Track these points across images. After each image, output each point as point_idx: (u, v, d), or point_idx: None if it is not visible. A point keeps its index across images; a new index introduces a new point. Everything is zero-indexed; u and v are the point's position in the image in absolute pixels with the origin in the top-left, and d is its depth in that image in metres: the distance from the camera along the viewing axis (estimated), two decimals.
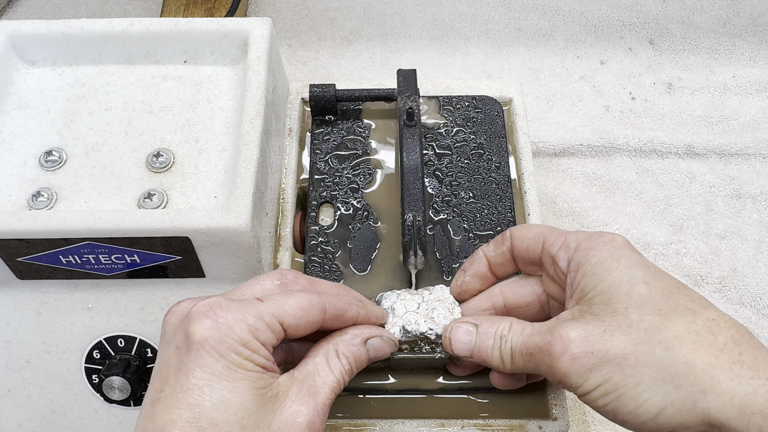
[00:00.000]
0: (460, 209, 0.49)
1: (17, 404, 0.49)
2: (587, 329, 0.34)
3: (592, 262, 0.35)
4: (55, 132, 0.48)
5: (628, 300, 0.33)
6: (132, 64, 0.51)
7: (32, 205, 0.45)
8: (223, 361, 0.32)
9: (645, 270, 0.35)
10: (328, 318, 0.36)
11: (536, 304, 0.41)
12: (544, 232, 0.39)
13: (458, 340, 0.39)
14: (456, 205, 0.49)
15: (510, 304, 0.42)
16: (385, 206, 0.49)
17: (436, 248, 0.47)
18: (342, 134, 0.52)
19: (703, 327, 0.32)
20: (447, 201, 0.49)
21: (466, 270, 0.42)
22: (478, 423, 0.44)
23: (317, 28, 0.82)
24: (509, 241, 0.40)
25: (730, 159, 0.72)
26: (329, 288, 0.40)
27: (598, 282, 0.35)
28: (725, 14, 0.83)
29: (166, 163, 0.46)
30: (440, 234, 0.48)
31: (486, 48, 0.81)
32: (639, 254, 0.36)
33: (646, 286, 0.34)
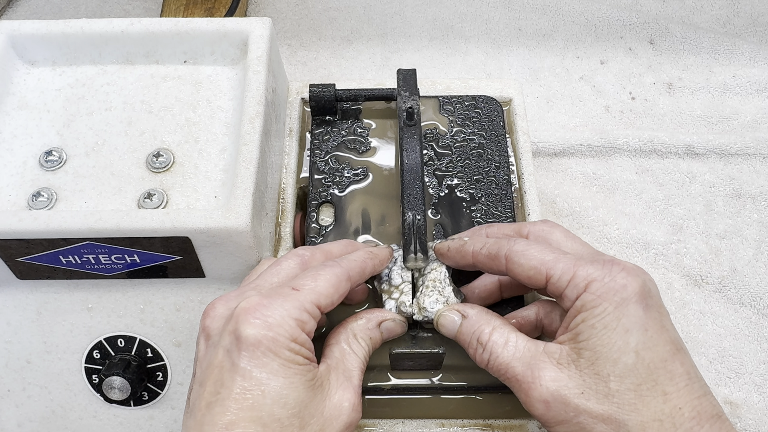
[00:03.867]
0: (460, 209, 0.49)
1: (17, 404, 0.49)
2: (567, 384, 0.34)
3: (596, 313, 0.35)
4: (55, 132, 0.48)
5: (613, 367, 0.34)
6: (132, 64, 0.51)
7: (32, 205, 0.45)
8: (278, 360, 0.33)
9: (641, 335, 0.34)
10: (354, 282, 0.39)
11: None
12: (547, 263, 0.37)
13: (443, 325, 0.40)
14: (456, 205, 0.49)
15: (507, 294, 0.44)
16: (385, 206, 0.49)
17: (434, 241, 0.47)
18: (342, 134, 0.52)
19: (667, 416, 0.33)
20: (447, 201, 0.49)
21: (451, 255, 0.43)
22: (478, 423, 0.44)
23: (317, 28, 0.82)
24: (503, 263, 0.39)
25: (730, 159, 0.72)
26: (340, 250, 0.42)
27: (593, 336, 0.35)
28: (725, 14, 0.83)
29: (166, 163, 0.46)
30: (440, 234, 0.48)
31: (486, 48, 0.81)
32: (644, 308, 0.35)
33: (635, 357, 0.34)
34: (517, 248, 0.38)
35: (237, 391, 0.32)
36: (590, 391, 0.34)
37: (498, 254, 0.39)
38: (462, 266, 0.42)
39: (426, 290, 0.42)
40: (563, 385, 0.34)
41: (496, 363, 0.37)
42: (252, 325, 0.33)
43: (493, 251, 0.39)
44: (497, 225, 0.44)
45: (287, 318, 0.34)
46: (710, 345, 0.61)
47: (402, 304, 0.42)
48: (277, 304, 0.35)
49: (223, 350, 0.34)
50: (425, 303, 0.41)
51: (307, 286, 0.36)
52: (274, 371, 0.33)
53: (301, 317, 0.35)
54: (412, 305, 0.42)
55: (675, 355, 0.35)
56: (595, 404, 0.34)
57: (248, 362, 0.33)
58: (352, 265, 0.39)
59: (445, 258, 0.43)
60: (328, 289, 0.36)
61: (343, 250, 0.42)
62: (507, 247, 0.38)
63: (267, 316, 0.34)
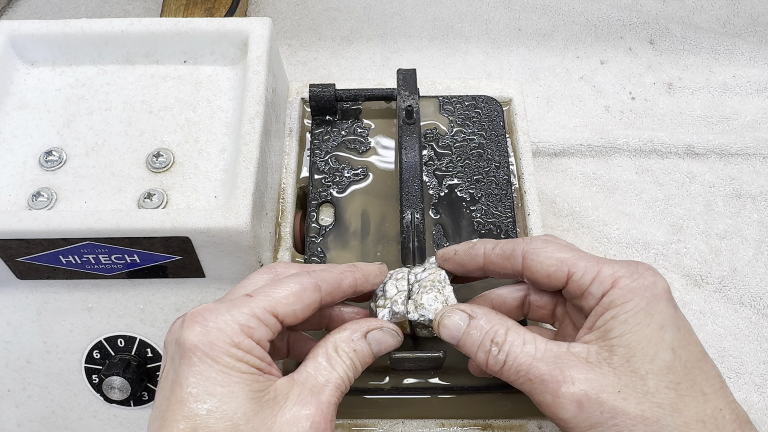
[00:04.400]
0: (460, 209, 0.49)
1: (17, 404, 0.49)
2: (602, 383, 0.32)
3: (627, 308, 0.33)
4: (55, 132, 0.48)
5: (651, 364, 0.32)
6: (132, 64, 0.51)
7: (32, 205, 0.45)
8: (216, 366, 0.31)
9: (675, 332, 0.33)
10: (325, 294, 0.36)
11: (549, 308, 0.40)
12: (568, 260, 0.35)
13: (446, 326, 0.37)
14: (456, 205, 0.49)
15: (533, 314, 0.40)
16: (385, 206, 0.49)
17: (435, 248, 0.47)
18: (342, 134, 0.53)
19: (710, 418, 0.32)
20: (447, 201, 0.49)
21: (458, 259, 0.40)
22: (478, 423, 0.44)
23: (317, 28, 0.82)
24: (520, 261, 0.37)
25: (730, 159, 0.72)
26: (325, 269, 0.39)
27: (626, 332, 0.33)
28: (725, 14, 0.83)
29: (166, 163, 0.46)
30: (440, 234, 0.48)
31: (486, 48, 0.81)
32: (674, 307, 0.34)
33: (671, 354, 0.32)
34: (535, 246, 0.36)
35: (174, 401, 0.30)
36: (628, 389, 0.32)
37: (513, 253, 0.37)
38: (469, 270, 0.40)
39: (423, 289, 0.39)
40: (598, 384, 0.32)
41: (515, 364, 0.34)
42: (192, 331, 0.31)
43: (507, 250, 0.37)
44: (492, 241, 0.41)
45: (230, 323, 0.32)
46: (710, 345, 0.61)
47: (394, 304, 0.39)
48: (223, 309, 0.32)
49: (170, 360, 0.32)
50: (423, 299, 0.38)
51: (264, 291, 0.34)
52: (211, 379, 0.31)
53: (247, 322, 0.32)
54: (407, 303, 0.39)
55: (706, 357, 0.34)
56: (634, 404, 0.31)
57: (186, 369, 0.31)
58: (324, 276, 0.36)
59: (449, 263, 0.40)
60: (287, 297, 0.34)
61: (325, 268, 0.39)
62: (523, 244, 0.37)
63: (208, 321, 0.32)
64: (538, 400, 0.34)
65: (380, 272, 0.40)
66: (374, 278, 0.39)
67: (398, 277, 0.41)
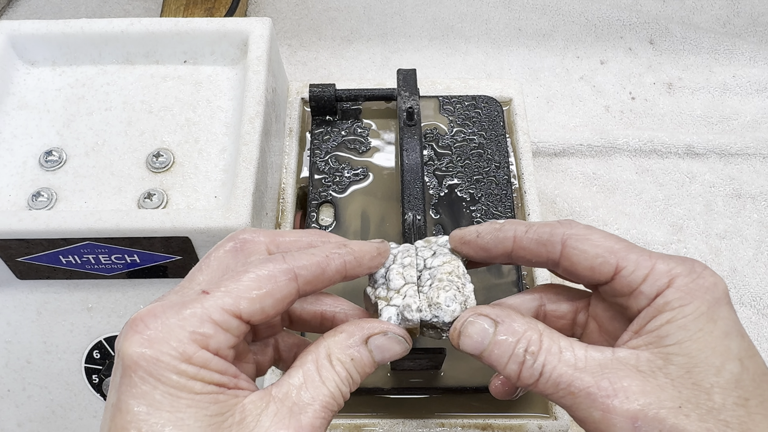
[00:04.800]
0: (460, 209, 0.49)
1: (17, 404, 0.49)
2: (660, 396, 0.27)
3: (686, 312, 0.29)
4: (55, 132, 0.48)
5: (717, 377, 0.28)
6: (132, 64, 0.51)
7: (32, 205, 0.45)
8: (162, 387, 0.25)
9: (740, 341, 0.29)
10: (304, 284, 0.29)
11: (569, 317, 0.35)
12: (617, 252, 0.30)
13: (470, 336, 0.31)
14: (456, 205, 0.49)
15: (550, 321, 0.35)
16: (385, 206, 0.49)
17: None
18: (342, 134, 0.52)
19: None
20: (447, 201, 0.49)
21: (481, 243, 0.34)
22: (478, 423, 0.44)
23: (317, 28, 0.82)
24: (558, 249, 0.31)
25: (730, 159, 0.72)
26: (298, 239, 0.32)
27: (686, 338, 0.28)
28: (725, 14, 0.83)
29: (166, 163, 0.46)
30: (440, 234, 0.48)
31: (486, 48, 0.81)
32: (734, 312, 0.30)
33: (739, 365, 0.28)
34: (578, 231, 0.31)
35: (114, 429, 0.25)
36: (690, 405, 0.27)
37: (551, 239, 0.31)
38: (493, 257, 0.34)
39: (440, 284, 0.33)
40: (655, 398, 0.27)
41: (553, 375, 0.29)
42: (131, 343, 0.26)
43: (544, 235, 0.32)
44: (510, 222, 0.34)
45: (177, 330, 0.26)
46: None
47: (407, 309, 0.32)
48: (170, 313, 0.26)
49: (113, 374, 0.27)
50: (440, 297, 0.32)
51: (223, 286, 0.27)
52: (156, 404, 0.25)
53: (201, 329, 0.26)
54: (419, 299, 0.32)
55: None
56: (697, 422, 0.27)
57: (126, 391, 0.25)
58: (302, 261, 0.29)
59: (469, 247, 0.34)
60: (253, 291, 0.27)
61: (302, 238, 0.33)
62: (563, 229, 0.31)
63: (150, 329, 0.26)
64: (582, 417, 0.29)
65: (378, 253, 0.33)
66: (370, 261, 0.33)
67: (405, 263, 0.34)
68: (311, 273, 0.30)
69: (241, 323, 0.27)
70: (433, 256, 0.34)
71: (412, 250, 0.35)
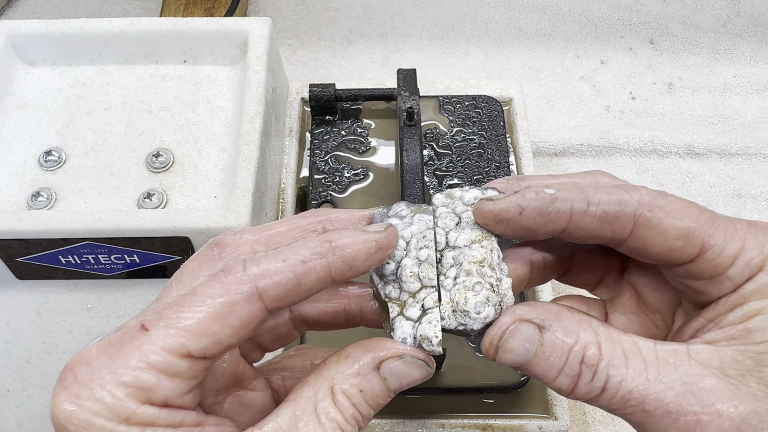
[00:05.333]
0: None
1: (17, 404, 0.49)
2: (757, 411, 0.22)
3: None
4: (55, 132, 0.48)
5: None
6: (131, 64, 0.51)
7: (32, 205, 0.45)
8: None
9: None
10: (274, 301, 0.23)
11: (594, 280, 0.30)
12: (700, 227, 0.25)
13: (509, 351, 0.25)
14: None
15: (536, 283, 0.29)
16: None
17: None
18: (342, 134, 0.52)
19: None
20: None
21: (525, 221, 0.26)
22: (478, 423, 0.43)
23: (317, 28, 0.82)
24: (629, 227, 0.25)
25: (730, 159, 0.72)
26: (292, 228, 0.26)
27: None
28: (726, 14, 0.83)
29: (165, 163, 0.46)
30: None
31: (486, 48, 0.81)
32: None
33: None
34: (654, 202, 0.25)
35: None
36: None
37: (621, 215, 0.25)
38: (537, 235, 0.26)
39: (468, 280, 0.26)
40: (753, 413, 0.22)
41: (621, 391, 0.23)
42: (58, 400, 0.22)
43: (611, 211, 0.25)
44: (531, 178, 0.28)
45: (111, 386, 0.21)
46: None
47: (425, 341, 0.25)
48: (104, 359, 0.22)
49: None
50: (469, 302, 0.25)
51: (164, 320, 0.22)
52: None
53: (138, 381, 0.21)
54: (442, 307, 0.26)
55: None
56: None
57: None
58: (269, 273, 0.23)
59: (506, 226, 0.26)
60: (202, 323, 0.22)
61: (302, 226, 0.26)
62: (634, 201, 0.25)
63: (80, 382, 0.22)
64: None
65: (379, 248, 0.25)
66: (365, 261, 0.25)
67: (421, 257, 0.26)
68: (282, 287, 0.23)
69: (193, 362, 0.22)
70: (458, 228, 0.27)
71: (429, 234, 0.27)
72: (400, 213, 0.28)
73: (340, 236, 0.24)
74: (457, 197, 0.28)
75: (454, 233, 0.27)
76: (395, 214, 0.28)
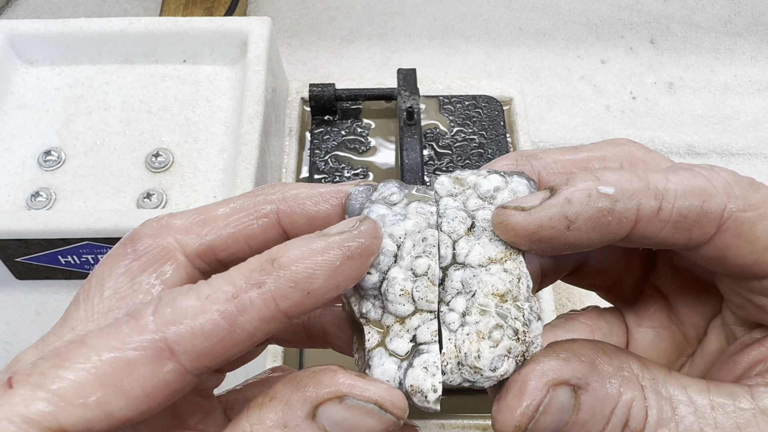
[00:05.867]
0: None
1: None
2: None
3: None
4: (54, 132, 0.48)
5: None
6: (131, 64, 0.51)
7: (31, 205, 0.45)
8: None
9: None
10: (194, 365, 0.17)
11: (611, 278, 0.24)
12: None
13: (540, 429, 0.19)
14: None
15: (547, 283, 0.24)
16: None
17: None
18: (342, 134, 0.52)
19: None
20: None
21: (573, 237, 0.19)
22: (478, 423, 0.43)
23: (317, 28, 0.82)
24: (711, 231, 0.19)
25: (731, 158, 0.72)
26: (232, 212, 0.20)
27: None
28: (726, 13, 0.83)
29: (165, 163, 0.46)
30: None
31: (486, 47, 0.81)
32: None
33: None
34: (749, 198, 0.19)
35: None
36: None
37: (704, 214, 0.19)
38: (583, 248, 0.19)
39: (483, 322, 0.19)
40: None
41: None
42: None
43: (690, 208, 0.19)
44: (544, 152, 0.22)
45: None
46: None
47: (416, 395, 0.19)
48: None
49: None
50: (482, 358, 0.19)
51: (36, 375, 0.16)
52: None
53: None
54: (443, 357, 0.19)
55: None
56: None
57: None
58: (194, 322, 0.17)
59: (548, 243, 0.19)
60: (85, 389, 0.16)
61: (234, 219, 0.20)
62: (722, 191, 0.19)
63: None
64: None
65: (347, 258, 0.18)
66: (327, 283, 0.18)
67: (417, 269, 0.19)
68: (204, 338, 0.17)
69: (96, 425, 0.16)
70: (471, 235, 0.20)
71: (432, 237, 0.19)
72: (389, 198, 0.20)
73: (286, 250, 0.17)
74: (470, 185, 0.20)
75: (464, 243, 0.19)
76: (382, 198, 0.20)
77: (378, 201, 0.20)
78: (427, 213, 0.20)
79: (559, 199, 0.18)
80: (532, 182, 0.20)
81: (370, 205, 0.20)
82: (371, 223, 0.18)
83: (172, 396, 0.17)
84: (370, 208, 0.20)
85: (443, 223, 0.20)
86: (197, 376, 0.17)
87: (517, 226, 0.19)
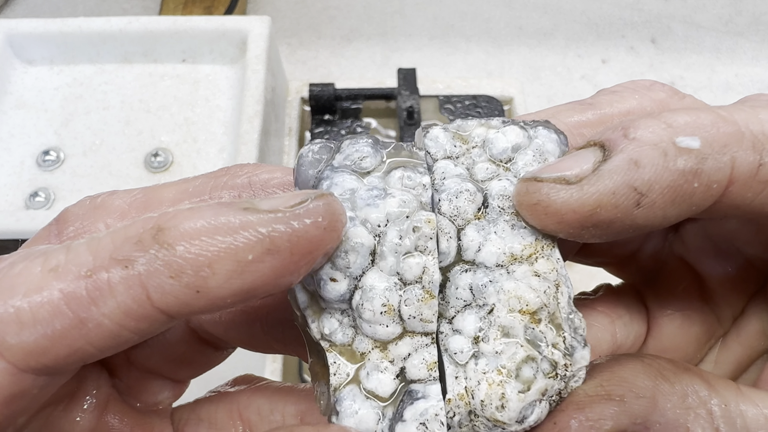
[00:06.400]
0: None
1: None
2: None
3: None
4: (53, 131, 0.48)
5: None
6: (130, 63, 0.51)
7: (30, 205, 0.44)
8: None
9: None
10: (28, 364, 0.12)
11: None
12: None
13: None
14: None
15: None
16: None
17: None
18: (342, 134, 0.52)
19: None
20: None
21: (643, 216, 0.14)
22: None
23: (317, 27, 0.82)
24: None
25: None
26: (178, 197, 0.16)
27: None
28: (727, 13, 0.82)
29: (164, 163, 0.46)
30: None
31: (487, 47, 0.80)
32: None
33: None
34: None
35: None
36: None
37: None
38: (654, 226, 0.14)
39: (506, 349, 0.13)
40: None
41: None
42: None
43: None
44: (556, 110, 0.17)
45: None
46: None
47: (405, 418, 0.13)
48: None
49: None
50: (510, 405, 0.13)
51: None
52: None
53: None
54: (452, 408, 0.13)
55: None
56: None
57: None
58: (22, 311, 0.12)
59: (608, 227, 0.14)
60: None
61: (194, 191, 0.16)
62: None
63: None
64: None
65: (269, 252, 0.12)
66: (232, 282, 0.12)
67: (407, 272, 0.13)
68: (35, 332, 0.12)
69: None
70: (483, 216, 0.14)
71: (427, 226, 0.13)
72: (359, 163, 0.14)
73: (180, 218, 0.12)
74: (477, 142, 0.14)
75: (474, 232, 0.14)
76: (350, 164, 0.14)
77: (342, 168, 0.13)
78: (417, 185, 0.13)
79: (621, 161, 0.13)
80: (562, 136, 0.15)
81: (331, 173, 0.13)
82: (327, 203, 0.12)
83: (15, 403, 0.12)
84: (332, 179, 0.13)
85: (442, 202, 0.13)
86: (49, 376, 0.12)
87: (563, 208, 0.13)
